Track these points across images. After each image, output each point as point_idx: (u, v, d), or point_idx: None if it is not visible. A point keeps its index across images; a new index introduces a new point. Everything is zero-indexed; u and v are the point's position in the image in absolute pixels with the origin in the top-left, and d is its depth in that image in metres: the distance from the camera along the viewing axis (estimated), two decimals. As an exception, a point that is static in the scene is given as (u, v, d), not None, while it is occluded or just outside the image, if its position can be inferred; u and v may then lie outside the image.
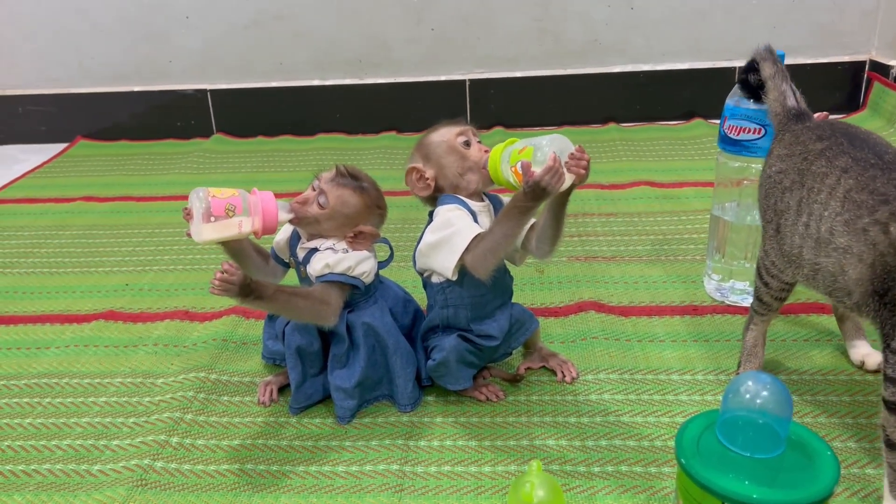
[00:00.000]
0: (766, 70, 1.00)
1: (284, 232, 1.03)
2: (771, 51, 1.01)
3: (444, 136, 0.98)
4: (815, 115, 1.26)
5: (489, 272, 0.91)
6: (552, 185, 0.83)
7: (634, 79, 2.17)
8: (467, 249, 0.91)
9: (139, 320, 1.28)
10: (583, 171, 0.86)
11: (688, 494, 0.69)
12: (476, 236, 0.91)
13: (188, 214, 0.90)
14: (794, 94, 0.99)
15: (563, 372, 1.06)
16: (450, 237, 0.92)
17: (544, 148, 0.86)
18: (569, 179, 0.86)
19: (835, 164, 0.83)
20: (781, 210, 0.89)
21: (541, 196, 0.85)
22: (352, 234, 0.97)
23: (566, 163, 0.85)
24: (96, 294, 1.39)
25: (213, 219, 0.87)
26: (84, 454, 0.97)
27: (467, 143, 0.97)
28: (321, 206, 0.96)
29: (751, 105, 1.10)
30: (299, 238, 1.00)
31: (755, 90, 1.04)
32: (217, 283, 0.83)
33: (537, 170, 0.84)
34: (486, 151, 0.96)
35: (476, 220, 0.95)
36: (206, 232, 0.88)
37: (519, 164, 0.87)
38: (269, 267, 1.04)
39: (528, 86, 2.19)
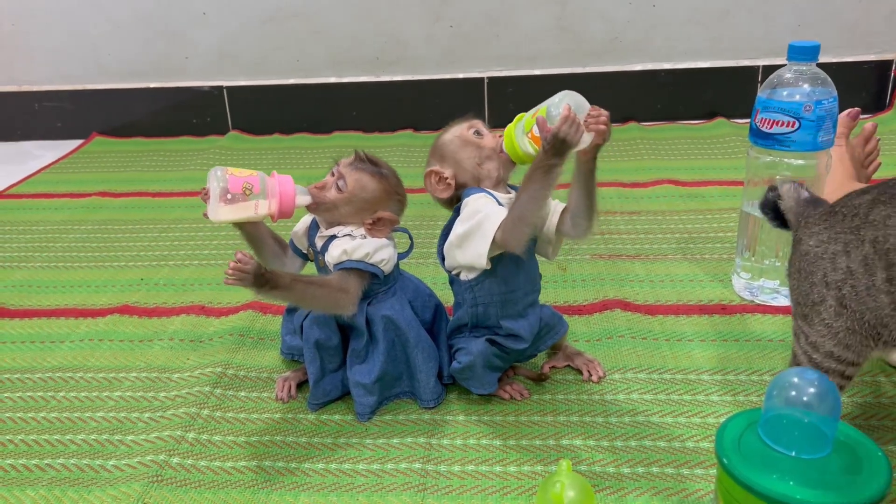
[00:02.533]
0: (783, 187, 0.93)
1: (303, 221, 1.01)
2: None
3: (456, 132, 0.96)
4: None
5: (522, 243, 0.87)
6: (571, 136, 0.81)
7: (655, 77, 2.14)
8: (498, 228, 0.88)
9: (155, 315, 1.26)
10: (603, 127, 0.84)
11: (729, 496, 0.66)
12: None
13: (205, 195, 0.88)
14: (804, 187, 0.92)
15: (589, 371, 1.03)
16: (480, 222, 0.89)
17: (557, 103, 0.84)
18: (587, 138, 0.84)
19: None
20: (839, 279, 0.77)
21: (561, 150, 0.82)
22: (370, 221, 0.95)
23: (585, 121, 0.83)
24: (111, 288, 1.37)
25: (229, 196, 0.86)
26: (98, 449, 0.95)
27: (478, 133, 0.95)
28: (339, 190, 0.94)
29: (784, 97, 1.07)
30: (318, 228, 0.98)
31: (776, 206, 0.94)
32: (231, 272, 0.82)
33: None
34: (500, 136, 0.94)
35: None
36: (222, 212, 0.87)
37: (535, 127, 0.85)
38: (287, 257, 1.02)
39: (548, 84, 2.16)
